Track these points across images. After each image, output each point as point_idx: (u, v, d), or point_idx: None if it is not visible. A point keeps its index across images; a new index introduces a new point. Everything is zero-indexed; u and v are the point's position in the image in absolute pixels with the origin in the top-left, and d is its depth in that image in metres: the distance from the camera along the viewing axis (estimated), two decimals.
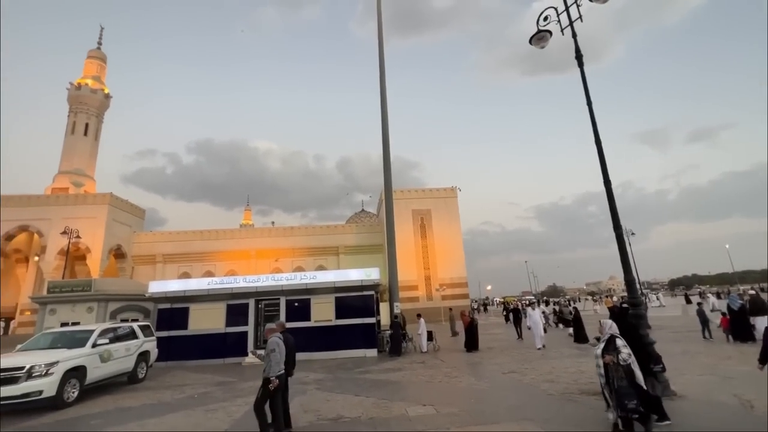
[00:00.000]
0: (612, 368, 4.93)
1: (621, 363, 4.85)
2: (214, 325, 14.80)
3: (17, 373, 7.81)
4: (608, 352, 5.01)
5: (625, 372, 4.85)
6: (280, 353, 5.85)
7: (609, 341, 5.11)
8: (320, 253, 42.62)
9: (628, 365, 4.85)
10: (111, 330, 10.53)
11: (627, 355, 4.88)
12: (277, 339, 6.02)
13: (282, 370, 5.84)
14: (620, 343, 5.00)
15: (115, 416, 7.61)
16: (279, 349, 5.85)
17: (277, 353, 5.80)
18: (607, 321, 5.48)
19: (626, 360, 4.85)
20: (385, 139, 20.03)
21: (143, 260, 41.09)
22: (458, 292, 36.90)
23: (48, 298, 16.10)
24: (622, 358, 4.85)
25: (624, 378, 4.83)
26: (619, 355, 4.87)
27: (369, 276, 15.07)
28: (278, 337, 6.09)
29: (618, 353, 4.90)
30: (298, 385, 9.56)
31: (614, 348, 4.98)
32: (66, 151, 45.05)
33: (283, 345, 6.02)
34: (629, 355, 4.89)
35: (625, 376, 4.84)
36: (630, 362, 4.87)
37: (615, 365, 4.90)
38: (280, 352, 5.86)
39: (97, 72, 49.21)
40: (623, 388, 4.78)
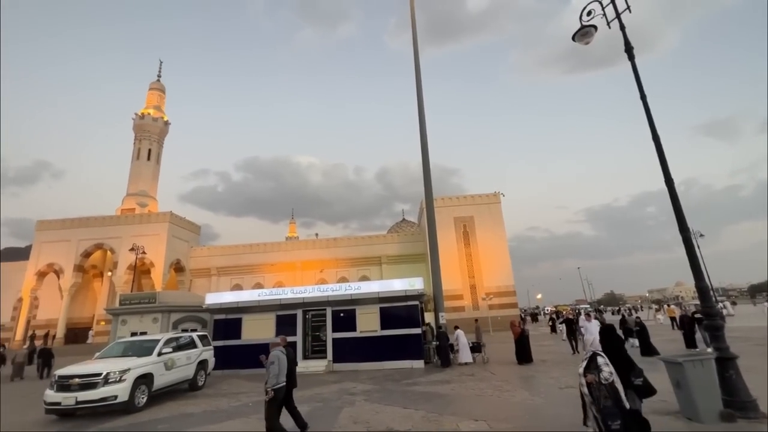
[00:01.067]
0: (595, 387, 4.81)
1: (603, 382, 4.73)
2: (265, 335, 15.33)
3: (95, 379, 8.58)
4: (590, 370, 4.90)
5: (609, 391, 4.72)
6: (279, 366, 6.13)
7: (591, 359, 5.00)
8: (363, 263, 43.06)
9: (610, 383, 4.74)
10: (174, 339, 11.28)
11: (608, 373, 4.77)
12: (278, 353, 6.33)
13: (281, 383, 6.12)
14: (602, 361, 4.89)
15: (179, 421, 8.09)
16: (279, 362, 6.15)
17: (276, 366, 6.10)
18: (589, 337, 5.45)
19: (608, 379, 4.74)
20: (424, 148, 19.99)
21: (199, 273, 43.84)
22: (506, 301, 35.53)
23: (119, 309, 17.64)
24: (603, 377, 4.75)
25: (608, 398, 4.70)
26: (601, 374, 4.77)
27: (413, 286, 14.95)
28: (280, 351, 6.40)
29: (599, 372, 4.79)
30: (346, 396, 9.63)
31: (596, 366, 4.86)
32: (132, 175, 49.62)
33: (284, 358, 6.29)
34: (611, 374, 4.77)
35: (609, 396, 4.71)
36: (612, 380, 4.75)
37: (597, 384, 4.79)
38: (280, 365, 6.14)
39: (157, 102, 53.99)
40: (607, 408, 4.66)
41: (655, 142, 7.34)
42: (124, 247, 38.05)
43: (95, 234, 40.29)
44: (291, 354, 6.73)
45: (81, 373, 8.69)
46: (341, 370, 14.16)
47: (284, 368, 6.22)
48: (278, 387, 6.11)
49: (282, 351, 6.45)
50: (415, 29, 22.40)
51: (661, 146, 7.28)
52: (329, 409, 8.39)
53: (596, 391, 4.84)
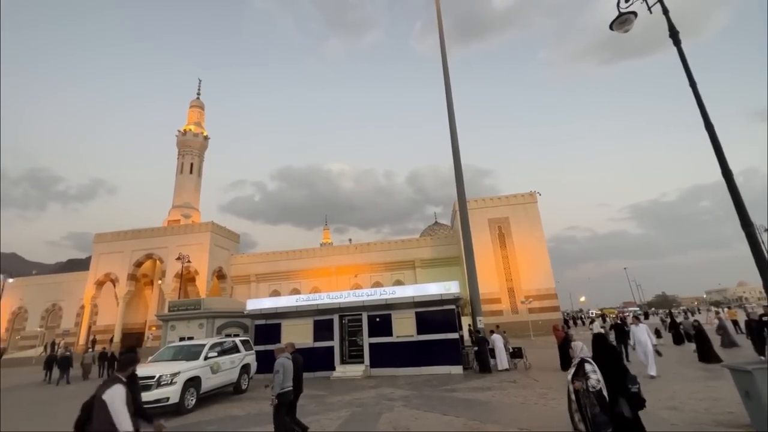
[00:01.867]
0: (583, 395, 4.76)
1: (590, 389, 4.69)
2: (303, 340, 15.64)
3: (149, 382, 9.12)
4: (578, 377, 4.85)
5: (597, 399, 4.68)
6: (284, 373, 6.31)
7: (579, 366, 4.91)
8: (397, 267, 42.99)
9: (598, 391, 4.69)
10: (218, 344, 11.78)
11: (596, 381, 4.72)
12: (283, 359, 6.49)
13: (287, 388, 6.30)
14: (589, 368, 4.81)
15: (226, 423, 8.41)
16: (284, 369, 6.34)
17: (280, 374, 6.29)
18: (578, 344, 5.25)
19: (595, 386, 4.70)
20: (455, 149, 19.75)
21: (240, 280, 45.60)
22: (546, 305, 34.12)
23: (169, 315, 18.70)
24: (591, 384, 4.70)
25: (596, 405, 4.66)
26: (588, 381, 4.72)
27: (448, 290, 14.73)
28: (286, 357, 6.57)
29: (587, 379, 4.73)
30: (384, 401, 9.60)
31: (583, 373, 4.79)
32: (177, 188, 52.65)
33: (289, 365, 6.50)
34: (598, 381, 4.72)
35: (598, 403, 4.66)
36: (600, 388, 4.70)
37: (585, 391, 4.74)
38: (285, 372, 6.32)
39: (197, 118, 57.08)
40: (599, 416, 4.60)
41: (709, 131, 6.79)
42: (171, 256, 40.33)
43: (145, 245, 43.03)
44: (299, 360, 6.89)
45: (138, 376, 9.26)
46: (378, 375, 14.16)
47: (289, 374, 6.42)
48: (284, 392, 6.27)
49: (288, 357, 6.64)
50: (441, 31, 22.28)
51: (716, 135, 6.73)
52: (368, 415, 8.40)
53: (584, 398, 4.81)
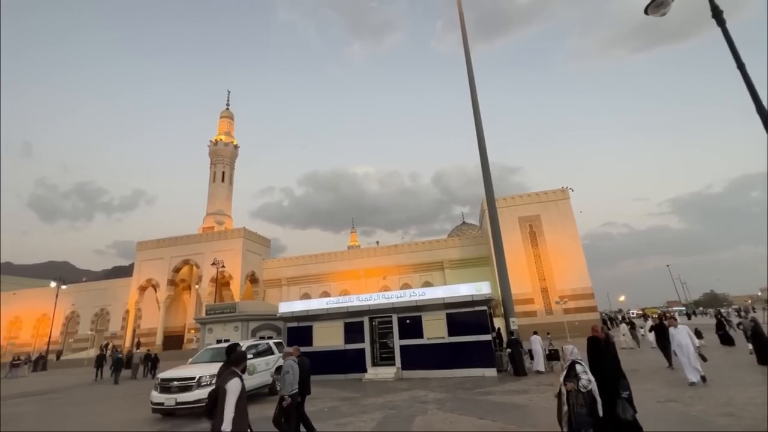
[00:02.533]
0: (573, 395, 4.86)
1: (581, 390, 4.80)
2: (334, 342, 15.83)
3: (190, 383, 9.48)
4: (569, 379, 4.95)
5: (585, 399, 4.77)
6: (293, 375, 6.62)
7: (570, 367, 5.04)
8: (425, 269, 42.70)
9: (588, 392, 4.79)
10: (253, 346, 12.09)
11: (587, 381, 4.82)
12: (291, 362, 6.84)
13: (295, 390, 6.57)
14: (580, 369, 4.94)
15: (263, 424, 8.57)
16: (292, 371, 6.66)
17: (290, 375, 6.62)
18: (569, 347, 5.33)
19: (586, 387, 4.79)
20: (482, 147, 19.38)
21: (271, 284, 46.78)
22: (583, 305, 32.80)
23: (206, 319, 19.44)
24: (582, 385, 4.81)
25: (584, 406, 4.75)
26: (579, 382, 4.83)
27: (479, 290, 14.43)
28: (293, 361, 6.89)
29: (578, 380, 4.85)
30: (418, 404, 9.51)
31: (575, 374, 4.91)
32: (210, 196, 54.81)
33: (297, 367, 6.77)
34: (589, 382, 4.82)
35: (585, 404, 4.76)
36: (591, 389, 4.79)
37: (576, 392, 4.84)
38: (293, 374, 6.63)
39: (227, 128, 59.23)
40: (581, 416, 4.71)
41: (762, 116, 6.28)
42: (206, 261, 41.98)
43: (183, 251, 45.04)
44: (306, 363, 7.13)
45: (179, 377, 9.67)
46: (410, 377, 14.06)
47: (297, 377, 6.69)
48: (293, 394, 6.59)
49: (295, 360, 6.93)
50: (464, 29, 21.99)
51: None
52: (402, 417, 8.34)
53: (573, 399, 4.88)
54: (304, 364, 7.07)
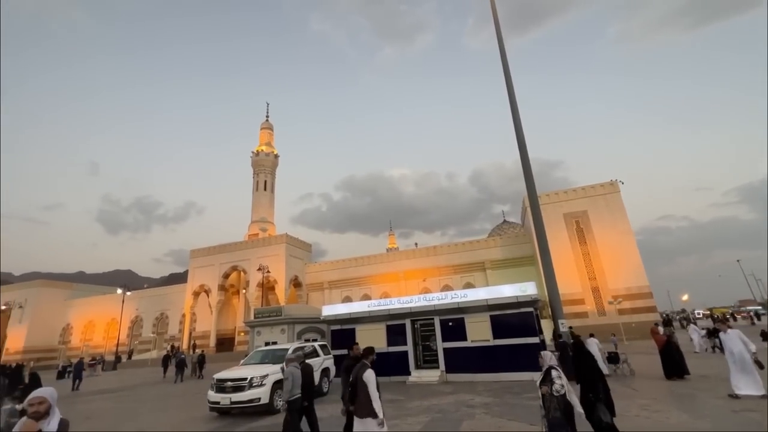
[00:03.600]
0: (548, 399, 5.04)
1: (554, 394, 4.95)
2: (377, 345, 15.82)
3: (243, 383, 9.95)
4: (545, 383, 5.16)
5: (559, 403, 4.92)
6: (293, 381, 6.80)
7: (546, 372, 5.22)
8: (466, 270, 41.89)
9: (562, 396, 4.95)
10: (299, 348, 12.44)
11: (560, 386, 4.99)
12: (292, 368, 6.99)
13: (296, 395, 6.76)
14: (555, 374, 5.12)
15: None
16: (293, 377, 6.84)
17: (290, 381, 6.81)
18: (546, 353, 5.50)
19: (559, 391, 4.95)
20: (521, 143, 18.69)
21: (314, 287, 48.02)
22: (640, 305, 30.58)
23: (255, 322, 20.31)
24: (555, 389, 4.97)
25: (558, 409, 4.91)
26: (553, 386, 5.00)
27: (524, 291, 13.92)
28: (295, 367, 7.05)
29: (552, 384, 5.02)
30: (464, 408, 9.33)
31: (550, 379, 5.09)
32: (254, 205, 57.37)
33: (298, 373, 6.94)
34: (562, 386, 4.98)
35: (559, 407, 4.91)
36: (564, 393, 4.96)
37: (550, 396, 5.01)
38: (294, 380, 6.81)
39: (268, 139, 61.78)
40: (556, 419, 4.88)
41: None
42: (253, 267, 43.93)
43: (231, 258, 47.45)
44: (309, 369, 7.32)
45: (232, 377, 10.19)
46: (455, 380, 13.82)
47: (298, 383, 6.85)
48: (293, 399, 6.77)
49: (296, 367, 7.09)
50: (497, 22, 21.39)
51: None
52: (449, 421, 8.22)
53: (548, 402, 5.07)
54: (308, 370, 7.27)
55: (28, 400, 2.91)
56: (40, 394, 2.94)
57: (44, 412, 2.89)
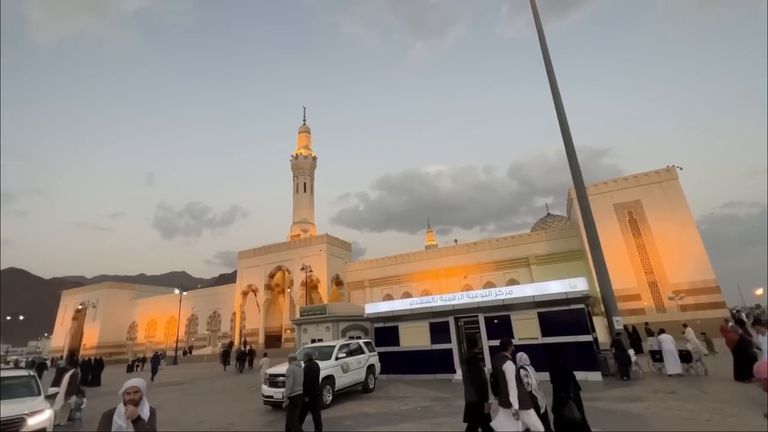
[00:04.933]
0: None
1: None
2: (421, 343, 15.90)
3: None
4: None
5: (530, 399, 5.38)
6: (294, 378, 7.38)
7: (517, 371, 5.56)
8: (509, 266, 40.63)
9: (530, 393, 5.40)
10: (345, 345, 12.73)
11: (527, 384, 5.44)
12: (294, 367, 7.57)
13: (296, 392, 7.30)
14: (524, 373, 5.56)
15: (361, 420, 8.99)
16: (294, 375, 7.41)
17: (291, 378, 7.38)
18: (520, 353, 5.98)
19: (525, 390, 5.38)
20: (565, 131, 17.86)
21: (355, 286, 48.77)
22: (705, 301, 28.07)
23: (301, 320, 21.03)
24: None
25: None
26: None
27: (574, 287, 13.27)
28: (297, 365, 7.63)
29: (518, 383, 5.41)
30: None
31: (519, 378, 5.46)
32: (295, 206, 59.24)
33: (300, 372, 7.49)
34: (528, 385, 5.44)
35: None
36: (530, 391, 5.41)
37: None
38: (295, 378, 7.38)
39: (306, 142, 63.47)
40: None
41: None
42: (296, 267, 45.40)
43: (275, 258, 49.35)
44: (313, 369, 7.74)
45: (284, 373, 10.59)
46: None
47: (299, 380, 7.37)
48: (294, 395, 7.30)
49: (299, 365, 7.66)
50: (534, 5, 20.54)
51: None
52: None
53: None
54: (312, 369, 7.70)
55: (125, 389, 3.27)
56: (134, 384, 3.31)
57: (138, 400, 3.24)
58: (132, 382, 3.33)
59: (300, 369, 7.63)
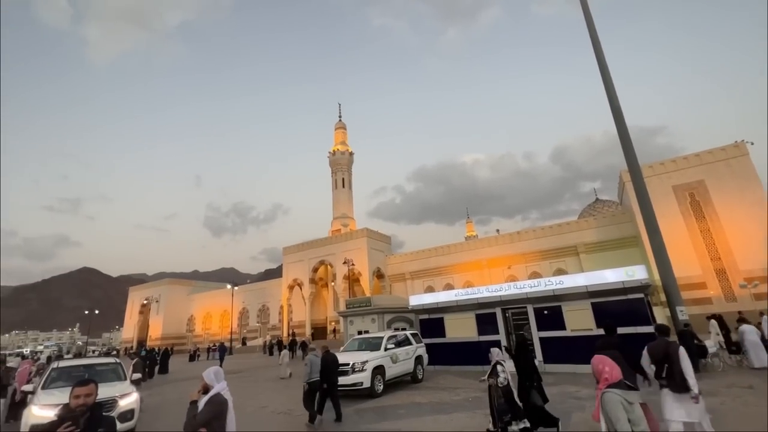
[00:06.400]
0: (494, 389, 6.25)
1: (499, 385, 6.18)
2: (467, 334, 15.80)
3: (346, 368, 10.69)
4: (491, 376, 6.35)
5: (503, 392, 6.14)
6: (312, 367, 8.53)
7: (493, 367, 6.35)
8: (555, 255, 39.05)
9: (505, 386, 6.17)
10: (393, 337, 12.95)
11: (503, 379, 6.19)
12: (312, 357, 8.72)
13: (314, 379, 8.45)
14: (500, 368, 6.28)
15: (414, 409, 9.15)
16: (311, 364, 8.57)
17: (308, 367, 8.56)
18: (494, 349, 6.68)
19: (503, 383, 6.17)
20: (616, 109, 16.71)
21: (396, 278, 49.14)
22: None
23: (347, 312, 21.62)
24: (500, 381, 6.18)
25: (502, 397, 6.12)
26: (498, 379, 6.21)
27: (632, 276, 12.56)
28: (315, 355, 8.76)
29: (497, 377, 6.21)
30: (571, 400, 8.84)
31: (495, 373, 6.27)
32: (334, 202, 60.49)
33: (317, 361, 8.58)
34: (506, 379, 6.19)
35: (503, 396, 6.12)
36: (507, 384, 6.18)
37: (495, 387, 6.22)
38: (312, 366, 8.54)
39: (342, 138, 64.39)
40: (501, 406, 6.10)
41: None
42: (338, 261, 46.51)
43: (318, 253, 50.83)
44: (329, 359, 8.72)
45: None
46: (554, 371, 13.10)
47: (316, 368, 8.49)
48: (311, 381, 8.43)
49: (316, 355, 8.73)
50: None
51: None
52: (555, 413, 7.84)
53: (494, 392, 6.22)
54: (328, 359, 8.70)
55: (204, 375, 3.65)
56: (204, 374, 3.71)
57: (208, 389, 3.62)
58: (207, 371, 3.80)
59: (317, 359, 8.66)
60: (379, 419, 8.62)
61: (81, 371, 8.38)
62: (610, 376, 3.78)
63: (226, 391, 3.71)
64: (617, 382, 3.78)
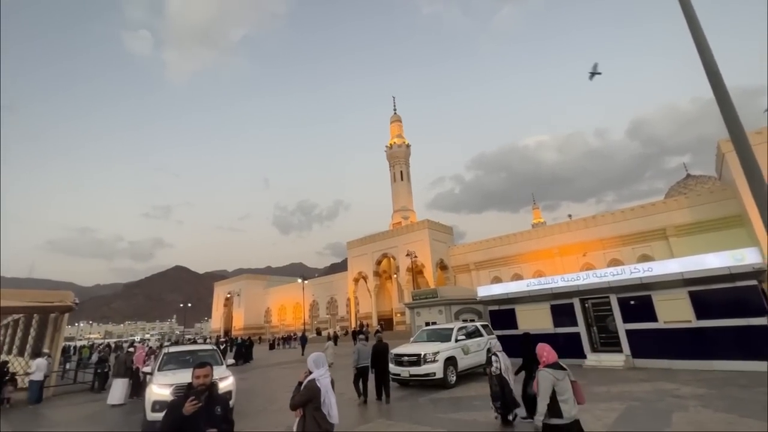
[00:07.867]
0: (490, 378, 7.21)
1: (492, 373, 7.12)
2: (542, 326, 15.03)
3: (417, 358, 10.81)
4: (488, 365, 7.38)
5: (498, 380, 6.98)
6: (360, 354, 9.85)
7: (489, 358, 7.39)
8: (639, 240, 35.39)
9: (499, 375, 7.00)
10: (463, 328, 12.79)
11: (495, 368, 7.06)
12: (359, 345, 10.13)
13: (362, 364, 9.77)
14: (494, 359, 7.19)
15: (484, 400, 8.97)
16: (358, 352, 9.89)
17: (356, 354, 9.88)
18: (494, 341, 7.94)
19: (495, 372, 7.05)
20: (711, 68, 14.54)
21: (460, 269, 48.28)
22: None
23: (413, 303, 21.76)
24: (492, 370, 7.12)
25: (497, 385, 6.97)
26: (491, 368, 7.18)
27: (740, 260, 10.94)
28: (362, 344, 10.18)
29: (490, 366, 7.23)
30: (669, 398, 8.02)
31: (490, 363, 7.26)
32: (394, 195, 60.96)
33: (364, 349, 9.94)
34: (497, 368, 7.04)
35: (497, 384, 6.98)
36: (499, 373, 7.00)
37: (491, 376, 7.15)
38: (360, 353, 9.85)
39: (398, 131, 64.46)
40: (494, 393, 7.05)
41: None
42: (400, 253, 46.96)
43: (381, 246, 51.76)
44: (380, 347, 9.90)
45: (408, 353, 11.19)
46: (645, 366, 11.98)
47: (363, 356, 9.79)
48: (360, 366, 9.76)
49: (364, 344, 10.17)
50: None
51: None
52: (652, 411, 7.20)
53: (490, 381, 7.20)
54: (379, 348, 9.84)
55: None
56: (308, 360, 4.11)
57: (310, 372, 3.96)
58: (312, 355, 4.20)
59: (365, 347, 9.97)
60: (454, 409, 8.60)
61: (187, 356, 9.53)
62: (547, 359, 4.33)
63: (325, 377, 3.99)
64: (552, 363, 4.26)
